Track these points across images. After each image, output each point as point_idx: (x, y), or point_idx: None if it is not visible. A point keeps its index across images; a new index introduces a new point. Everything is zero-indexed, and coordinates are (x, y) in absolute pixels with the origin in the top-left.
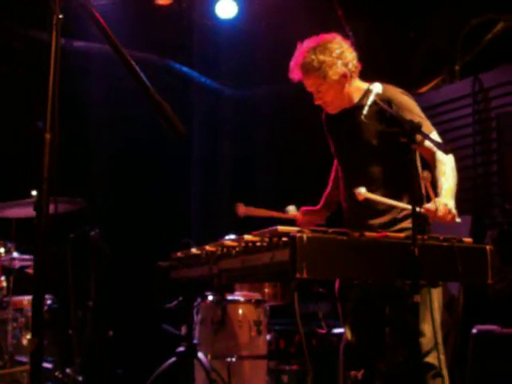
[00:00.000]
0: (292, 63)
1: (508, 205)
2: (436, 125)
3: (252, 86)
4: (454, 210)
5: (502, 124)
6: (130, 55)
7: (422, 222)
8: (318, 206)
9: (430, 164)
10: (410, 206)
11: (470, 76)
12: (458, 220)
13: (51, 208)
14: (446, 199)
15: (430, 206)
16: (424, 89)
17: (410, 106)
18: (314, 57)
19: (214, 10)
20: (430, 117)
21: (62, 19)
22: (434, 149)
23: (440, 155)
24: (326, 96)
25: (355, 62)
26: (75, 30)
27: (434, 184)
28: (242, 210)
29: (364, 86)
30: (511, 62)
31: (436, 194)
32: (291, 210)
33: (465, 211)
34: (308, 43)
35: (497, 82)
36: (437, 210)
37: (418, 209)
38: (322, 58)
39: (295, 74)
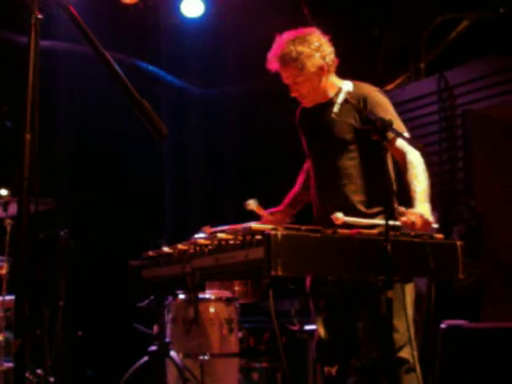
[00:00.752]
0: (270, 54)
1: (473, 201)
2: (402, 122)
3: (219, 84)
4: (430, 218)
5: (467, 121)
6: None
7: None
8: (281, 207)
9: (401, 166)
10: (382, 222)
11: (435, 74)
12: (435, 226)
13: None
14: (420, 206)
15: (405, 219)
16: (390, 86)
17: (384, 104)
18: (292, 48)
19: (180, 9)
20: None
21: (40, 19)
22: (405, 150)
23: (411, 157)
24: (302, 88)
25: (332, 56)
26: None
27: (406, 186)
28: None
29: (339, 83)
30: (476, 59)
31: (409, 198)
32: (251, 203)
33: (431, 208)
34: (287, 35)
35: (462, 80)
36: (413, 223)
37: (394, 222)
38: (300, 49)
39: (273, 65)
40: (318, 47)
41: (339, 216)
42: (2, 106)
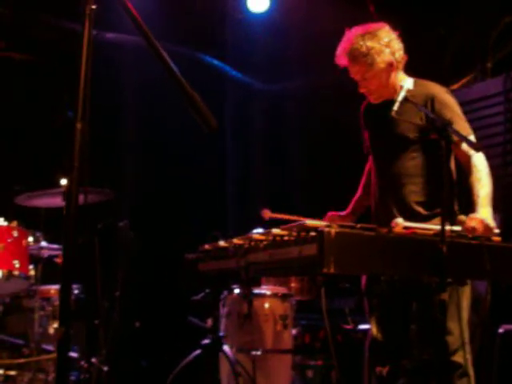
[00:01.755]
0: (339, 49)
1: None
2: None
3: (283, 79)
4: (491, 223)
5: None
6: (162, 47)
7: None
8: (346, 212)
9: (465, 168)
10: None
11: (501, 74)
12: (496, 231)
13: (81, 198)
14: (481, 211)
15: (468, 225)
16: (455, 86)
17: (451, 105)
18: (362, 43)
19: (246, 4)
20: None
21: (94, 9)
22: (470, 153)
23: (475, 160)
24: (370, 84)
25: (402, 52)
26: (108, 22)
27: (469, 190)
28: (268, 215)
29: (403, 81)
30: None
31: (471, 201)
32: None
33: (494, 210)
34: (356, 30)
35: None
36: (474, 228)
37: (456, 228)
38: (370, 44)
39: (341, 60)
40: (388, 43)
41: (399, 222)
42: (63, 95)
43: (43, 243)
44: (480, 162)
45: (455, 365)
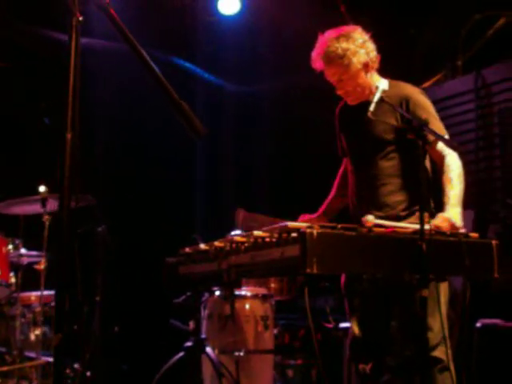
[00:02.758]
0: (314, 53)
1: (510, 200)
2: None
3: (255, 81)
4: (458, 222)
5: (504, 119)
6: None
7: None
8: (317, 213)
9: (438, 168)
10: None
11: (472, 71)
12: (462, 231)
13: (56, 205)
14: (450, 210)
15: (434, 223)
16: (426, 84)
17: (427, 107)
18: (337, 45)
19: (216, 6)
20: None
21: (81, 21)
22: (444, 153)
23: (449, 160)
24: (347, 85)
25: (375, 53)
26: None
27: (441, 189)
28: (242, 216)
29: (378, 81)
30: None
31: (441, 201)
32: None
33: (467, 206)
34: (330, 33)
35: (499, 78)
36: (440, 227)
37: (426, 226)
38: (345, 45)
39: (317, 64)
40: (363, 44)
41: (369, 219)
42: (39, 102)
43: (23, 250)
44: (453, 162)
45: (436, 360)
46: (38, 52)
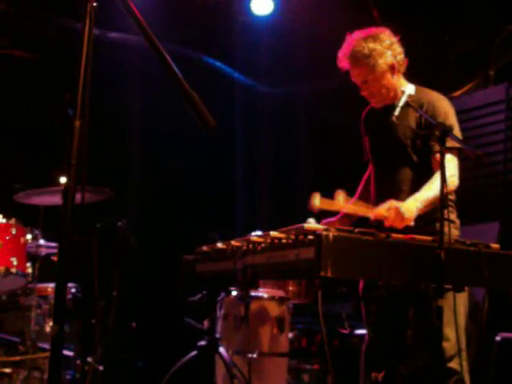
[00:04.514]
0: (340, 52)
1: None
2: (468, 129)
3: (287, 83)
4: (407, 215)
5: None
6: (164, 48)
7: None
8: (338, 216)
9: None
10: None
11: (504, 82)
12: (411, 224)
13: (78, 196)
14: (408, 201)
15: (379, 210)
16: (457, 93)
17: (448, 114)
18: (364, 45)
19: (250, 6)
20: (462, 121)
21: (95, 7)
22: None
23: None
24: (372, 86)
25: (403, 56)
26: (111, 21)
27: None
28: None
29: (404, 85)
30: None
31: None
32: (311, 222)
33: (493, 217)
34: (358, 33)
35: None
36: (384, 216)
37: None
38: (372, 46)
39: (343, 63)
40: (390, 45)
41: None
42: (63, 94)
43: (41, 241)
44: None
45: (451, 371)
46: (63, 43)
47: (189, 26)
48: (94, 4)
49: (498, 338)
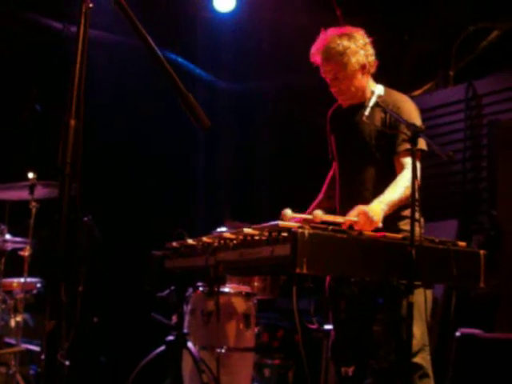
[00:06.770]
0: (314, 47)
1: (495, 211)
2: (428, 128)
3: (248, 79)
4: (375, 218)
5: (492, 131)
6: (125, 42)
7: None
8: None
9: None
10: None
11: (463, 82)
12: (379, 225)
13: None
14: (373, 204)
15: (350, 215)
16: (417, 92)
17: (409, 114)
18: (339, 42)
19: (212, 2)
20: (422, 120)
21: (91, 8)
22: (407, 166)
23: (406, 173)
24: (342, 84)
25: (374, 57)
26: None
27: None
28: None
29: (373, 86)
30: (505, 70)
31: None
32: (288, 213)
33: (452, 215)
34: (333, 30)
35: (490, 90)
36: (354, 221)
37: (341, 220)
38: (346, 44)
39: (315, 58)
40: (364, 45)
41: (318, 214)
42: (31, 89)
43: (7, 236)
44: (408, 176)
45: (417, 366)
46: (29, 39)
47: (151, 21)
48: (90, 5)
49: (457, 334)
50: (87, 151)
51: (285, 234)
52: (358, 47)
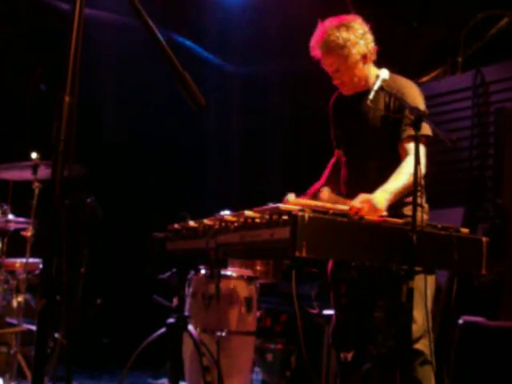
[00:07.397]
0: (313, 41)
1: (500, 199)
2: (435, 115)
3: (256, 63)
4: (379, 205)
5: (500, 119)
6: (132, 24)
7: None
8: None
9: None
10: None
11: (471, 69)
12: (384, 213)
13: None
14: (378, 192)
15: (354, 203)
16: (425, 78)
17: (414, 99)
18: (338, 34)
19: None
20: (429, 107)
21: None
22: (410, 153)
23: (410, 160)
24: (344, 76)
25: (373, 44)
26: None
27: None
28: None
29: (376, 71)
30: None
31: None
32: (291, 197)
33: (458, 203)
34: (330, 22)
35: (498, 77)
36: (358, 208)
37: (343, 207)
38: (346, 35)
39: (315, 51)
40: (363, 35)
41: (290, 198)
42: (36, 67)
43: (10, 216)
44: (411, 162)
45: (418, 352)
46: (36, 18)
47: (158, 4)
48: None
49: (460, 322)
50: (93, 130)
51: (285, 217)
52: (358, 37)
